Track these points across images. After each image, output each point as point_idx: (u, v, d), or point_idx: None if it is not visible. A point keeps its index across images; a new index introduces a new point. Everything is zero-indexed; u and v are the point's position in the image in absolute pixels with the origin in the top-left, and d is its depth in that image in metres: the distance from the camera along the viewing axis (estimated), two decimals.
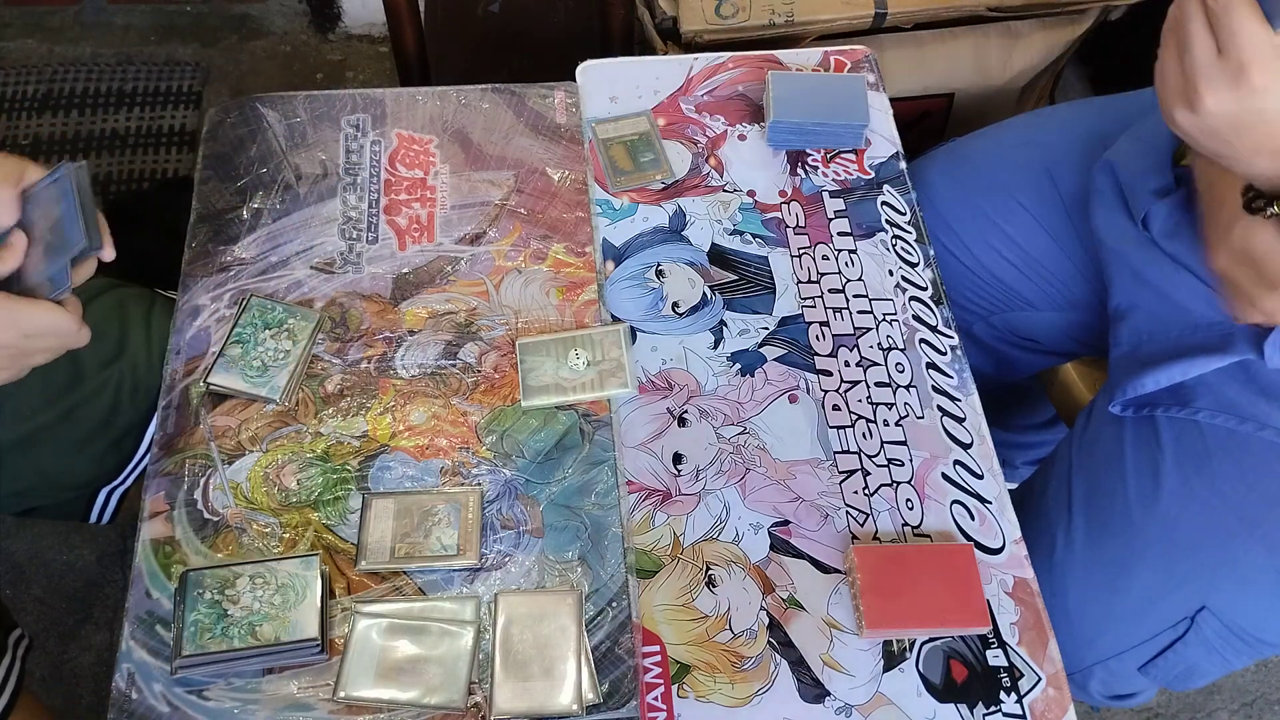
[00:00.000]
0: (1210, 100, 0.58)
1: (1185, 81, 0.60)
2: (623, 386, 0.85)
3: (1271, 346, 0.78)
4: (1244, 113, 0.58)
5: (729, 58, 1.09)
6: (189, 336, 0.88)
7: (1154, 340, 0.87)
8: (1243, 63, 0.57)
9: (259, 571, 0.75)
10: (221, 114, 1.02)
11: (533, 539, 0.79)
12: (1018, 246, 1.01)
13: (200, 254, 0.93)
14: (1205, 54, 0.58)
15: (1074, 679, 0.95)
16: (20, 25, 1.93)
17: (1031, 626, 0.77)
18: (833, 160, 1.01)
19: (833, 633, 0.77)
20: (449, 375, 0.87)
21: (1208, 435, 0.83)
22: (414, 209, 0.96)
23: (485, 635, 0.75)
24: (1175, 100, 0.61)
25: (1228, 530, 0.83)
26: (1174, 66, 0.61)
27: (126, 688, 0.72)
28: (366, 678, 0.72)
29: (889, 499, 0.82)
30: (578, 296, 0.91)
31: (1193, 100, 0.59)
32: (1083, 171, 0.97)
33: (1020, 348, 1.10)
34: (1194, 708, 1.40)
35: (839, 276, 0.94)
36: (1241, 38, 0.56)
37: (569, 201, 0.97)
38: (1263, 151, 0.60)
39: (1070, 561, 0.91)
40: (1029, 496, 0.99)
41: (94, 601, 1.38)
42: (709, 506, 0.82)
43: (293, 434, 0.83)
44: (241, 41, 1.96)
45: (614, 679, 0.74)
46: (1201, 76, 0.59)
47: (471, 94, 1.04)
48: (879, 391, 0.88)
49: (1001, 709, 0.74)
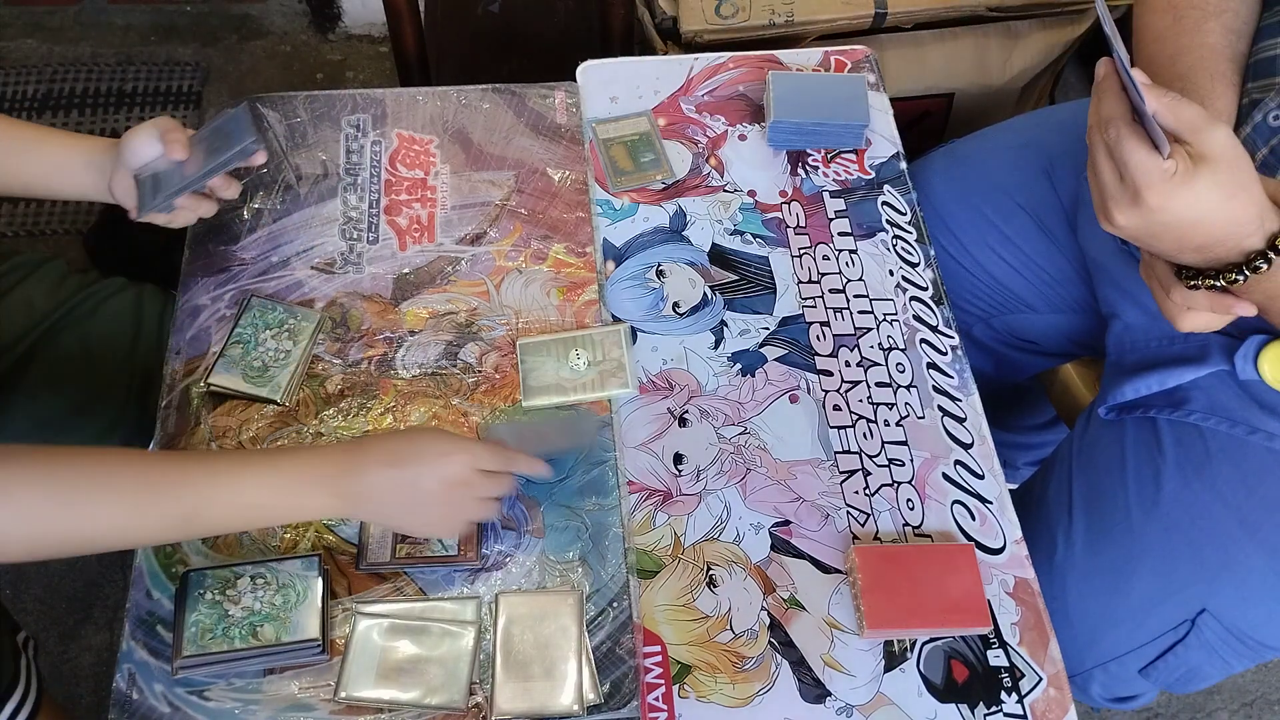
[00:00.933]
0: (1120, 218, 0.67)
1: (1101, 202, 0.68)
2: (623, 387, 0.85)
3: (1240, 359, 0.80)
4: (1152, 225, 0.66)
5: (729, 58, 1.09)
6: (189, 336, 0.88)
7: (1135, 350, 0.88)
8: (1138, 186, 0.64)
9: (260, 572, 0.75)
10: None
11: (533, 539, 0.79)
12: (1017, 248, 1.01)
13: (200, 254, 0.93)
14: (1110, 179, 0.67)
15: (1075, 681, 0.95)
16: (20, 25, 1.93)
17: (1032, 627, 0.77)
18: (833, 160, 1.01)
19: (834, 633, 0.77)
20: (449, 375, 0.87)
21: (1208, 439, 0.83)
22: (414, 209, 0.96)
23: (486, 635, 0.75)
24: (1099, 213, 0.69)
25: (1228, 534, 0.83)
26: (1092, 184, 0.69)
27: (127, 688, 0.72)
28: (367, 678, 0.72)
29: (890, 499, 0.82)
30: (578, 296, 0.91)
31: (1108, 217, 0.68)
32: (1082, 173, 0.97)
33: (1020, 350, 1.10)
34: (1194, 708, 1.40)
35: (839, 276, 0.94)
36: (1133, 166, 0.64)
37: (569, 201, 0.97)
38: (1185, 249, 0.68)
39: (1071, 563, 0.91)
40: (1029, 497, 0.99)
41: (94, 601, 1.38)
42: (710, 507, 0.82)
43: (293, 434, 0.83)
44: (241, 41, 1.96)
45: (615, 679, 0.74)
46: (1109, 199, 0.67)
47: (471, 94, 1.04)
48: (880, 391, 0.87)
49: (1002, 709, 0.74)
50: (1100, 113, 0.67)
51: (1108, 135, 0.66)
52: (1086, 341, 1.04)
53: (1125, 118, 0.65)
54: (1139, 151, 0.64)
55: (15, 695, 0.83)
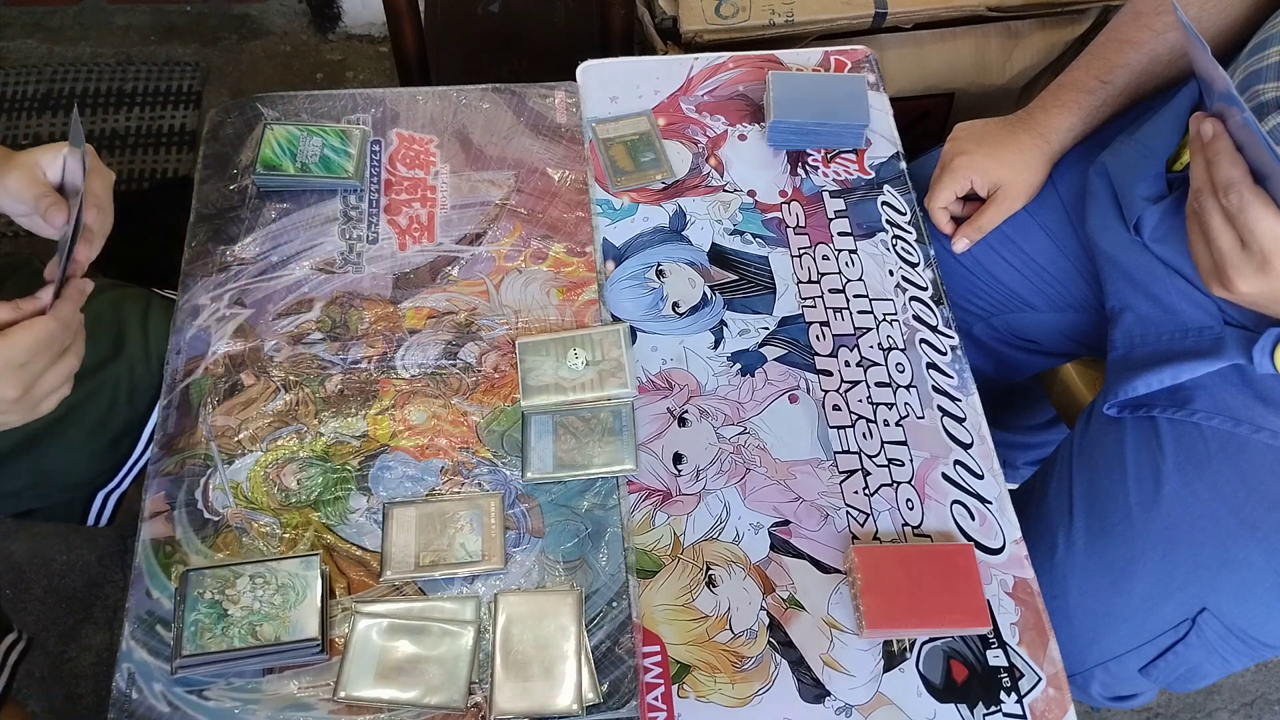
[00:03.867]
0: (1243, 286, 0.66)
1: (1216, 268, 0.67)
2: (623, 386, 0.85)
3: (1259, 352, 0.79)
4: (1276, 290, 0.66)
5: (729, 58, 1.09)
6: (189, 336, 0.88)
7: (1146, 344, 0.87)
8: (1266, 254, 0.64)
9: (259, 571, 0.75)
10: (222, 114, 1.02)
11: (533, 539, 0.79)
12: (1017, 247, 1.01)
13: (200, 254, 0.93)
14: (1230, 247, 0.65)
15: (1075, 680, 0.95)
16: (20, 25, 1.93)
17: (1032, 627, 0.77)
18: (833, 160, 1.01)
19: (833, 633, 0.77)
20: (449, 375, 0.87)
21: (1208, 438, 0.83)
22: (414, 209, 0.96)
23: (485, 635, 0.75)
24: (1210, 281, 0.69)
25: (1228, 533, 0.83)
26: (1203, 251, 0.67)
27: (127, 688, 0.72)
28: (367, 678, 0.72)
29: (889, 499, 0.82)
30: (578, 296, 0.91)
31: (1226, 285, 0.67)
32: (1081, 172, 0.97)
33: (1020, 349, 1.10)
34: (1194, 708, 1.40)
35: (839, 276, 0.94)
36: (1260, 233, 0.63)
37: (569, 201, 0.97)
38: None
39: (1071, 563, 0.91)
40: (1029, 497, 0.99)
41: (94, 601, 1.38)
42: (709, 506, 0.82)
43: (293, 434, 0.83)
44: (241, 41, 1.96)
45: (614, 679, 0.74)
46: (1230, 267, 0.66)
47: (472, 94, 1.04)
48: (879, 391, 0.87)
49: (1002, 709, 0.74)
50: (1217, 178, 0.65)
51: (1228, 202, 0.64)
52: (1087, 340, 1.04)
53: (1247, 182, 0.64)
54: (1266, 218, 0.62)
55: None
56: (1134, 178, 0.89)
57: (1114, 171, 0.93)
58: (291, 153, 0.96)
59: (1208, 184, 0.66)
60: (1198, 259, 0.69)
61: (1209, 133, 0.66)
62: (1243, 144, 0.65)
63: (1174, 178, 0.87)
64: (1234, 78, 0.84)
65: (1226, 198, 0.64)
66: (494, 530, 0.78)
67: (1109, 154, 0.94)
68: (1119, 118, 0.96)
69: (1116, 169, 0.92)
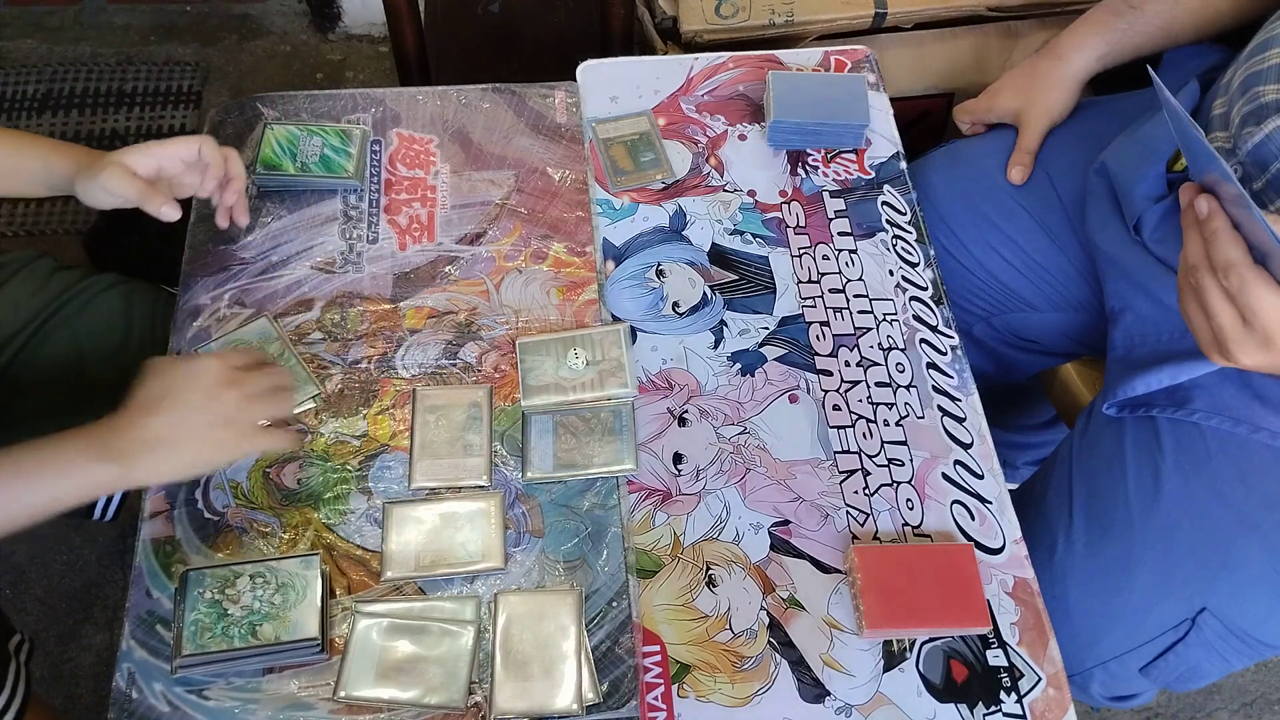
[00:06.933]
0: (1246, 360, 0.66)
1: (1217, 342, 0.67)
2: (623, 386, 0.85)
3: None
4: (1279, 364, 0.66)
5: (729, 58, 1.09)
6: (189, 336, 0.88)
7: (1145, 343, 0.87)
8: (1269, 333, 0.64)
9: (259, 571, 0.75)
10: (222, 114, 1.02)
11: (533, 538, 0.79)
12: (1017, 247, 1.01)
13: (200, 254, 0.93)
14: (1231, 323, 0.65)
15: (1075, 680, 0.95)
16: (20, 25, 1.93)
17: (1032, 626, 0.77)
18: (833, 160, 1.01)
19: (833, 633, 0.77)
20: (449, 375, 0.87)
21: (1208, 438, 0.83)
22: (414, 209, 0.96)
23: (485, 635, 0.75)
24: (1210, 352, 0.69)
25: (1228, 532, 0.83)
26: (1202, 324, 0.68)
27: (127, 687, 0.72)
28: (367, 677, 0.72)
29: (889, 499, 0.82)
30: (578, 296, 0.91)
31: (1229, 357, 0.67)
32: (1081, 172, 0.98)
33: (1020, 349, 1.10)
34: (1194, 708, 1.40)
35: (839, 276, 0.94)
36: (1263, 313, 0.63)
37: (569, 201, 0.97)
38: None
39: (1071, 563, 0.91)
40: (1029, 497, 0.99)
41: (94, 601, 1.38)
42: (709, 506, 0.82)
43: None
44: (241, 41, 1.96)
45: (614, 679, 0.74)
46: (1232, 343, 0.66)
47: (471, 94, 1.04)
48: (879, 391, 0.87)
49: (1002, 709, 0.74)
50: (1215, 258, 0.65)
51: (1228, 283, 0.64)
52: (1087, 340, 1.04)
53: (1246, 262, 0.63)
54: (1269, 298, 0.62)
55: (1, 698, 0.83)
56: (1134, 178, 0.89)
57: (1114, 171, 0.93)
58: (292, 152, 0.96)
59: (1205, 262, 0.66)
60: (1196, 331, 0.69)
61: (1204, 210, 0.66)
62: (1239, 221, 0.64)
63: (1174, 178, 0.87)
64: (1234, 79, 0.84)
65: (1227, 279, 0.64)
66: (494, 530, 0.78)
67: (1109, 154, 0.94)
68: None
69: (1117, 169, 0.92)
